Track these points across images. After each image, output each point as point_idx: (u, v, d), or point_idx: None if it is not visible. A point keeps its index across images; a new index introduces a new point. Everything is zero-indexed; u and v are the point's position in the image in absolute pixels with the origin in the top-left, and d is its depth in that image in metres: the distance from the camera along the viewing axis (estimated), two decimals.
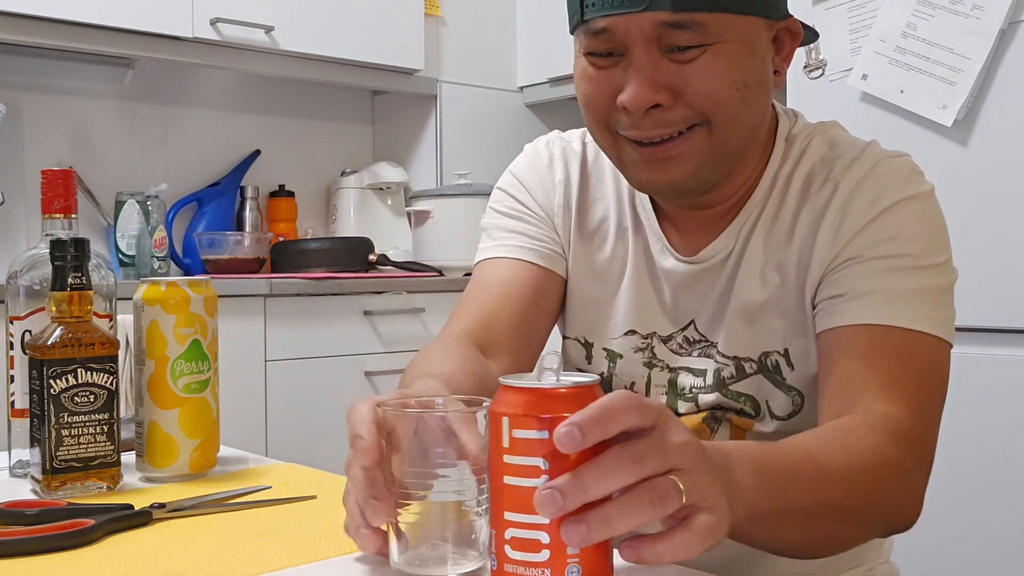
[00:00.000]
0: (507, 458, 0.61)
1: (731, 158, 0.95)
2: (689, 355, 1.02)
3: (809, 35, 1.04)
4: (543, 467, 0.60)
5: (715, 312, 1.00)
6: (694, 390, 1.01)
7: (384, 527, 0.69)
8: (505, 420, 0.61)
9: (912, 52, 2.05)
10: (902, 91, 2.06)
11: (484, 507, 0.67)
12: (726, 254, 1.00)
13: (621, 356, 1.06)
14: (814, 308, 0.96)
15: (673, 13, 0.87)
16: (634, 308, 1.04)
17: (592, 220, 1.08)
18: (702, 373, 1.01)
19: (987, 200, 1.97)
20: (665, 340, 1.03)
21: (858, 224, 0.94)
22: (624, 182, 1.05)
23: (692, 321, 1.02)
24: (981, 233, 1.97)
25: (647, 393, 1.04)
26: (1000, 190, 1.95)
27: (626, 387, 1.05)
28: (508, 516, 0.61)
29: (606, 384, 1.07)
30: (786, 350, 0.97)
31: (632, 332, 1.05)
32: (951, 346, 0.92)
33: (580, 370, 1.08)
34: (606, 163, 1.07)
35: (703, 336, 1.01)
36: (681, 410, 1.02)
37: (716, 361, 1.00)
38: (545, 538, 0.60)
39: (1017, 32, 1.93)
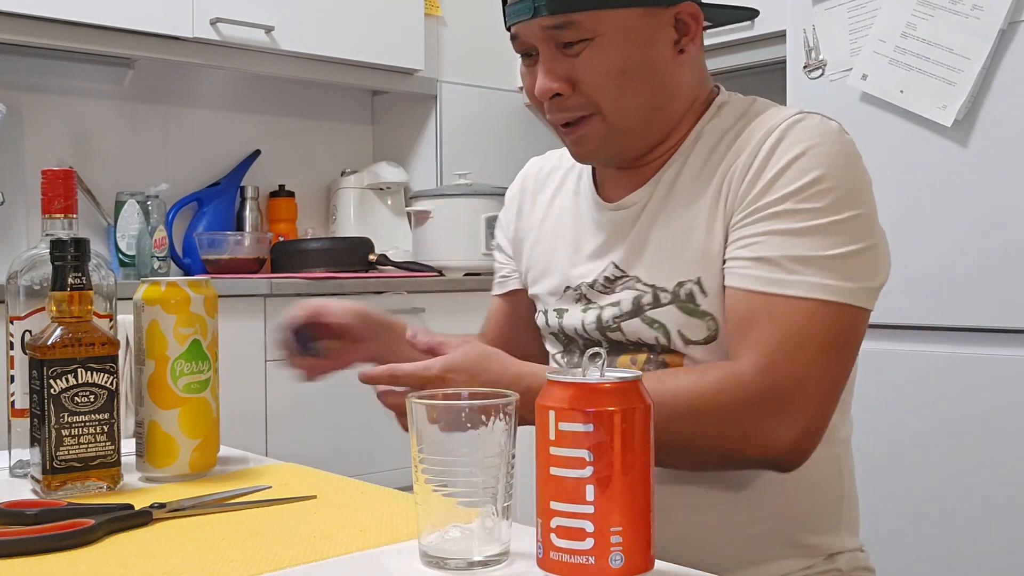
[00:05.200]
0: (553, 450, 0.65)
1: (637, 133, 1.08)
2: (612, 292, 1.11)
3: (722, 13, 1.18)
4: (588, 459, 0.64)
5: (634, 249, 1.10)
6: (616, 320, 1.09)
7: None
8: (551, 413, 0.65)
9: (912, 52, 2.05)
10: (902, 91, 2.06)
11: (508, 492, 0.70)
12: (646, 199, 1.10)
13: (567, 310, 1.16)
14: (725, 251, 1.03)
15: (551, 16, 1.03)
16: (567, 266, 1.17)
17: (535, 216, 1.25)
18: (618, 303, 1.09)
19: (987, 200, 1.97)
20: (592, 284, 1.13)
21: (769, 172, 1.00)
22: (572, 172, 1.23)
23: (611, 261, 1.12)
24: (981, 233, 1.97)
25: (583, 330, 1.13)
26: (1000, 190, 1.95)
27: (573, 332, 1.15)
28: (554, 506, 0.65)
29: (564, 335, 1.17)
30: (699, 278, 1.04)
31: (567, 288, 1.16)
32: (844, 306, 0.96)
33: (551, 334, 1.19)
34: (561, 165, 1.25)
35: (623, 271, 1.10)
36: (613, 337, 1.10)
37: (636, 289, 1.08)
38: (589, 527, 0.64)
39: (1017, 32, 1.93)
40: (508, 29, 1.08)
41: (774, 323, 0.96)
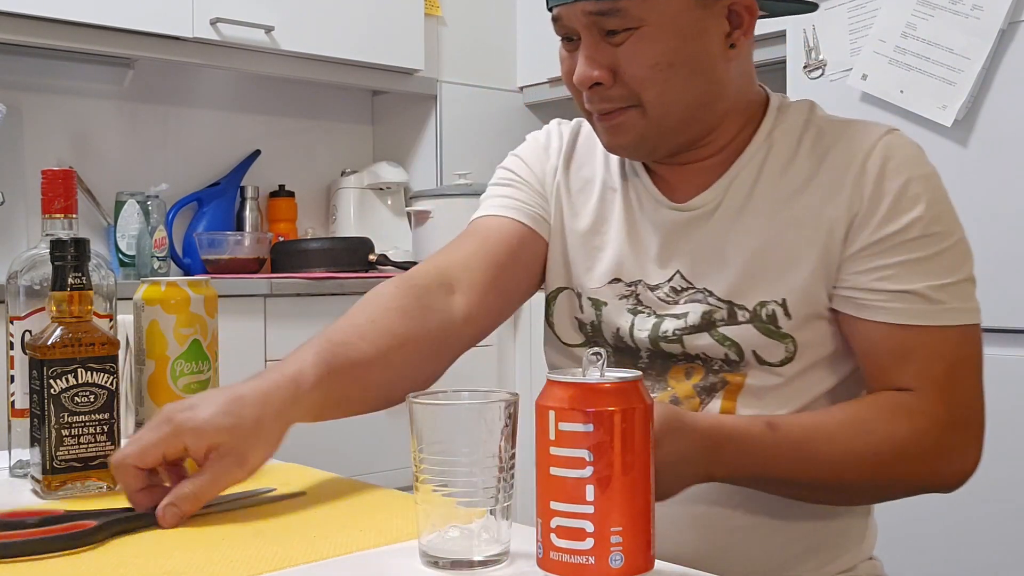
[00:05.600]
0: (553, 450, 0.65)
1: (678, 130, 1.03)
2: (676, 303, 1.06)
3: (780, 5, 1.13)
4: (588, 459, 0.64)
5: (707, 259, 1.05)
6: (677, 332, 1.05)
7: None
8: (551, 413, 0.65)
9: (912, 52, 2.05)
10: (902, 91, 2.06)
11: (508, 492, 0.70)
12: (716, 203, 1.05)
13: (606, 304, 1.10)
14: (841, 279, 1.00)
15: (597, 2, 0.97)
16: (618, 257, 1.10)
17: (579, 180, 1.16)
18: (684, 316, 1.05)
19: (987, 200, 1.97)
20: (652, 288, 1.08)
21: (885, 200, 0.99)
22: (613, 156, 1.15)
23: (678, 271, 1.06)
24: (981, 233, 1.97)
25: (631, 336, 1.08)
26: (1000, 190, 1.95)
27: (612, 332, 1.10)
28: (554, 506, 0.65)
29: (594, 329, 1.11)
30: (784, 300, 1.01)
31: (616, 280, 1.10)
32: (979, 325, 1.01)
33: (577, 319, 1.13)
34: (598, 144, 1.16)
35: (690, 283, 1.06)
36: (667, 349, 1.06)
37: (708, 304, 1.04)
38: (589, 527, 0.64)
39: (1017, 32, 1.93)
40: (550, 10, 1.02)
41: (935, 354, 0.97)
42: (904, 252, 0.98)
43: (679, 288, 1.06)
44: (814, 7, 1.16)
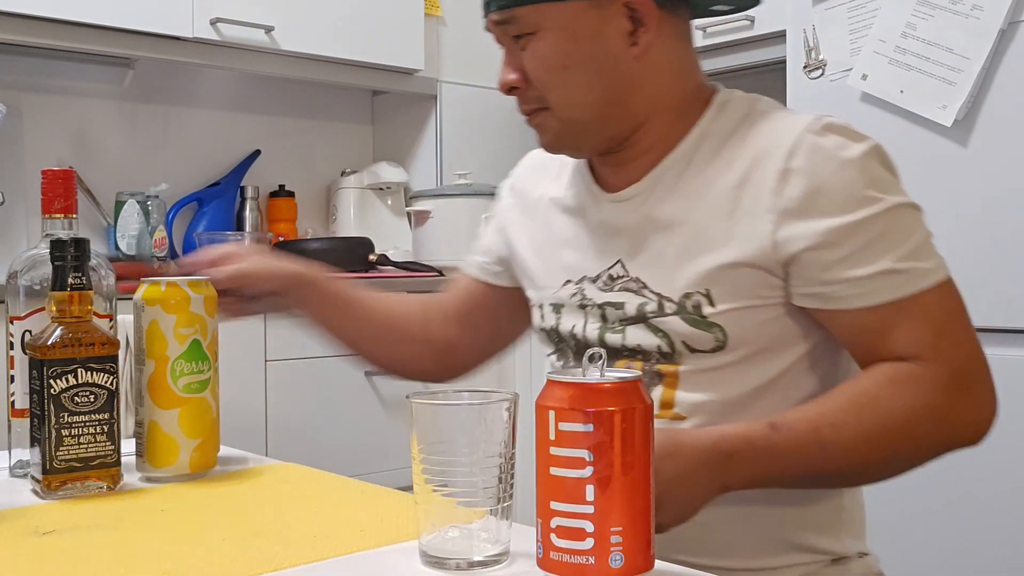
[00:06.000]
0: (553, 450, 0.65)
1: (592, 127, 1.07)
2: (611, 291, 1.09)
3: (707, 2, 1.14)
4: (588, 459, 0.64)
5: (642, 250, 1.07)
6: (621, 323, 1.07)
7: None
8: (551, 413, 0.65)
9: (912, 52, 2.05)
10: (902, 91, 2.06)
11: (508, 492, 0.70)
12: (648, 191, 1.08)
13: (563, 306, 1.14)
14: (802, 276, 1.01)
15: (498, 12, 1.05)
16: (566, 260, 1.14)
17: (531, 200, 1.23)
18: (621, 306, 1.07)
19: (987, 200, 1.97)
20: (593, 280, 1.11)
21: (818, 188, 0.99)
22: (567, 163, 1.19)
23: (619, 260, 1.09)
24: (981, 233, 1.97)
25: (584, 333, 1.11)
26: (1000, 190, 1.95)
27: (569, 333, 1.13)
28: (554, 506, 0.65)
29: (554, 334, 1.15)
30: (708, 290, 1.02)
31: (568, 282, 1.14)
32: (951, 278, 1.01)
33: (543, 330, 1.17)
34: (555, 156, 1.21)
35: (626, 272, 1.08)
36: (611, 343, 1.08)
37: (641, 296, 1.06)
38: (589, 527, 0.64)
39: (1017, 32, 1.93)
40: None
41: (920, 320, 0.98)
42: (857, 237, 0.98)
43: (615, 276, 1.09)
44: (756, 2, 1.18)
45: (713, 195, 1.03)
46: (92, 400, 0.92)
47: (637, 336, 1.06)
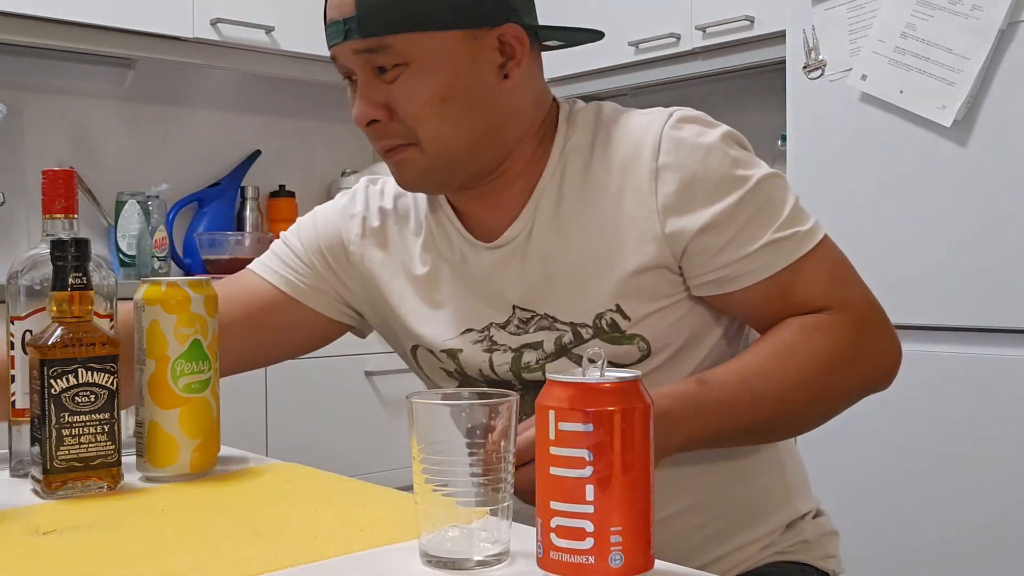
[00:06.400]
0: (553, 450, 0.65)
1: (462, 162, 1.03)
2: (527, 332, 1.07)
3: (566, 34, 1.11)
4: (588, 458, 0.64)
5: (532, 286, 1.06)
6: (540, 362, 1.06)
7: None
8: (551, 413, 0.65)
9: (911, 52, 2.05)
10: (901, 91, 2.06)
11: (508, 491, 0.70)
12: (527, 231, 1.06)
13: (461, 351, 1.11)
14: (694, 267, 1.02)
15: (363, 40, 0.98)
16: (460, 310, 1.10)
17: (397, 242, 1.15)
18: (539, 345, 1.06)
19: (987, 200, 1.97)
20: (503, 326, 1.08)
21: (688, 183, 1.00)
22: (423, 204, 1.14)
23: (514, 305, 1.07)
24: (981, 233, 1.97)
25: (492, 371, 1.09)
26: (1000, 190, 1.95)
27: (476, 371, 1.10)
28: (554, 505, 0.65)
29: (460, 373, 1.12)
30: (617, 305, 1.03)
31: (468, 330, 1.10)
32: (827, 235, 1.04)
33: (443, 370, 1.13)
34: (406, 193, 1.16)
35: (532, 311, 1.06)
36: (531, 379, 1.08)
37: (555, 329, 1.05)
38: (589, 526, 0.64)
39: (1017, 32, 1.93)
40: (329, 50, 1.03)
41: (812, 279, 1.01)
42: (738, 217, 1.00)
43: (524, 319, 1.07)
44: (600, 36, 1.13)
45: (594, 213, 1.03)
46: (92, 400, 0.92)
47: (564, 368, 1.05)
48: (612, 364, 1.02)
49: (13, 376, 1.01)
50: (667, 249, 1.01)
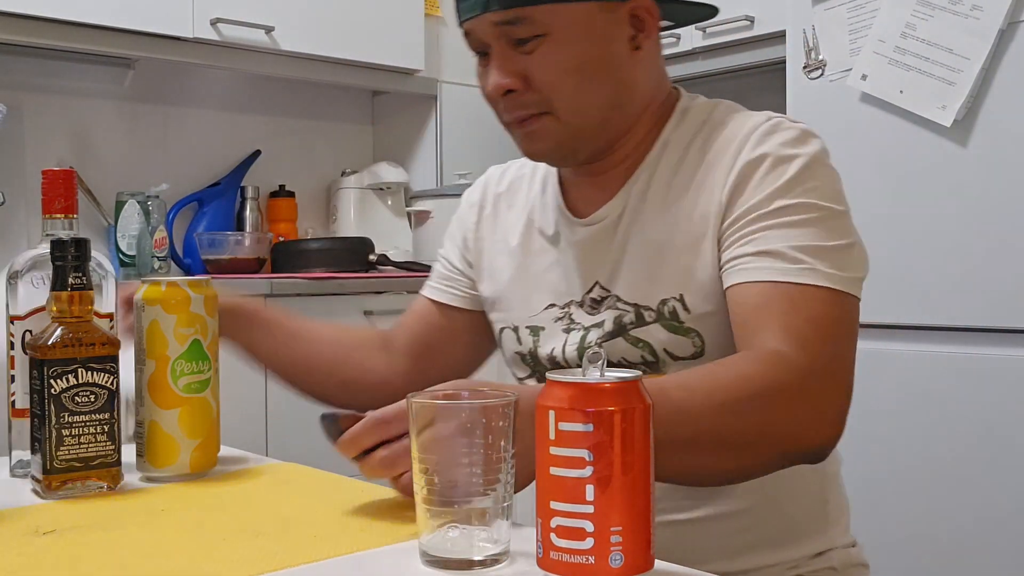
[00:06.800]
0: (553, 450, 0.65)
1: (592, 133, 1.05)
2: (598, 312, 1.09)
3: (680, 10, 1.15)
4: (588, 458, 0.64)
5: (615, 266, 1.08)
6: (599, 342, 1.07)
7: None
8: (551, 413, 0.65)
9: (911, 52, 2.05)
10: (901, 91, 2.06)
11: (508, 492, 0.70)
12: (620, 212, 1.08)
13: (544, 328, 1.13)
14: (721, 259, 1.01)
15: (503, 11, 1.00)
16: (549, 284, 1.13)
17: (506, 222, 1.20)
18: (602, 324, 1.07)
19: (987, 200, 1.97)
20: (580, 304, 1.11)
21: (755, 177, 1.00)
22: (536, 183, 1.19)
23: (596, 282, 1.09)
24: (981, 233, 1.97)
25: (563, 356, 1.10)
26: (1000, 190, 1.96)
27: (547, 356, 1.12)
28: (554, 505, 0.65)
29: (533, 358, 1.14)
30: (681, 295, 1.03)
31: (551, 305, 1.13)
32: (855, 297, 0.98)
33: (518, 354, 1.17)
34: (523, 175, 1.22)
35: (607, 291, 1.08)
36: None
37: (618, 309, 1.06)
38: (589, 526, 0.64)
39: (1017, 32, 1.94)
40: (461, 26, 1.06)
41: (797, 309, 0.94)
42: (767, 219, 0.98)
43: (598, 298, 1.09)
44: (715, 11, 1.17)
45: (677, 203, 1.04)
46: (92, 400, 0.92)
47: (619, 350, 1.06)
48: (668, 354, 1.04)
49: (13, 376, 1.01)
50: (719, 247, 1.01)
